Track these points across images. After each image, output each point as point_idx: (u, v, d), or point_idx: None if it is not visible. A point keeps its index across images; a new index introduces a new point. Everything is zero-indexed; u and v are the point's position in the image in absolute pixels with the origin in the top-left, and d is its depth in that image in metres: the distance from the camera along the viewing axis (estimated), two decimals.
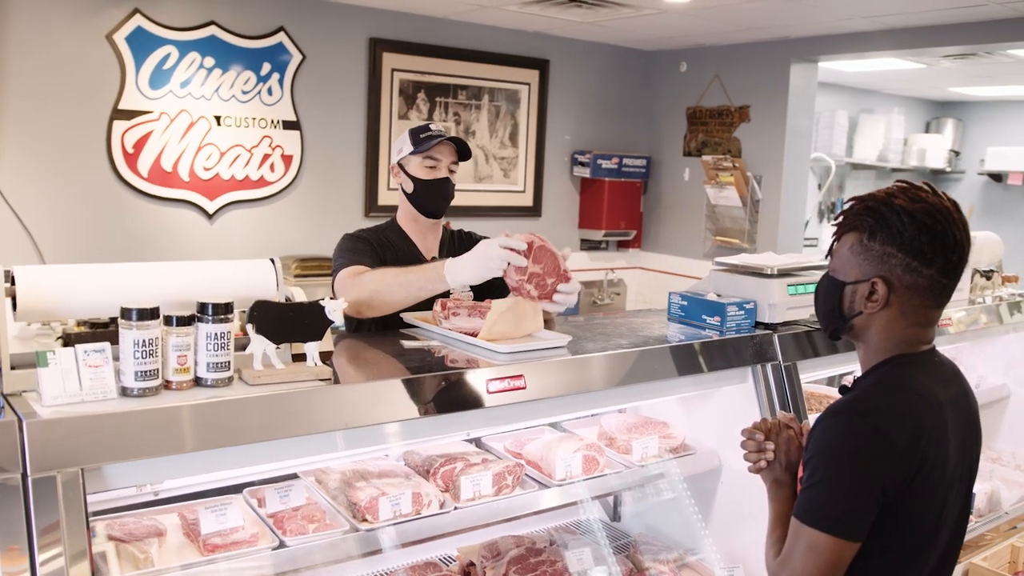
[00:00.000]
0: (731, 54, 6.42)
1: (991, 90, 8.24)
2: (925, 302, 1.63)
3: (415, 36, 5.71)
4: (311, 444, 1.84)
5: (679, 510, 2.85)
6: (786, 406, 2.58)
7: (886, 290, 1.62)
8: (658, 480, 2.64)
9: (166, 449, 1.64)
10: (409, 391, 1.91)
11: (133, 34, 4.71)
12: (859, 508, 1.53)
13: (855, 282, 1.66)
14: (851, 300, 1.68)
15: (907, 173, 8.94)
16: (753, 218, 6.28)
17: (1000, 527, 3.20)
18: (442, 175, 2.78)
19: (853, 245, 1.66)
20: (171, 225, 4.98)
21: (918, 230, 1.57)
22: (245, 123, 5.10)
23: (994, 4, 4.61)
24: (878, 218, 1.61)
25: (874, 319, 1.66)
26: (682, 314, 2.78)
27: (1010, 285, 3.79)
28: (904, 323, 1.65)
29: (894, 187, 1.64)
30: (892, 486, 1.53)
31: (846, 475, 1.54)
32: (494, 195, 6.19)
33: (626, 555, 2.78)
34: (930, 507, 1.60)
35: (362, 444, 1.95)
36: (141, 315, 1.68)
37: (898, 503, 1.55)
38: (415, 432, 2.03)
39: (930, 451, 1.56)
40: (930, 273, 1.60)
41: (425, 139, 2.74)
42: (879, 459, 1.53)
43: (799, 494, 1.60)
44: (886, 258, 1.61)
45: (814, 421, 1.65)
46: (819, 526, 1.53)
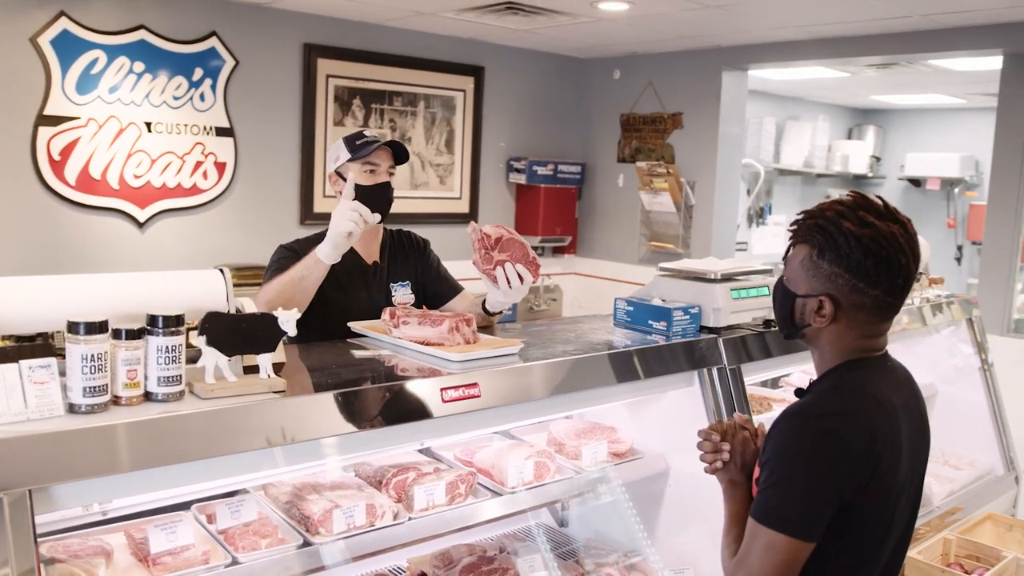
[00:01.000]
0: (664, 62, 6.52)
1: (910, 98, 8.53)
2: (871, 318, 1.68)
3: (350, 42, 5.65)
4: (267, 458, 1.80)
5: (628, 514, 2.87)
6: (732, 408, 2.63)
7: (833, 308, 1.67)
8: (607, 484, 2.66)
9: (117, 467, 1.59)
10: (366, 402, 1.89)
11: (59, 37, 4.57)
12: (815, 509, 1.56)
13: (805, 296, 1.70)
14: (802, 312, 1.72)
15: (831, 179, 9.20)
16: (687, 223, 6.38)
17: (931, 521, 3.30)
18: (383, 179, 2.79)
19: (804, 260, 1.70)
20: (100, 234, 4.83)
21: (863, 254, 1.61)
22: (177, 130, 4.99)
23: (917, 16, 4.78)
24: (827, 237, 1.65)
25: (824, 331, 1.71)
26: (628, 319, 2.81)
27: (936, 287, 3.92)
28: (852, 336, 1.69)
29: (845, 205, 1.67)
30: (848, 488, 1.57)
31: (803, 477, 1.57)
32: (430, 202, 6.17)
33: (575, 560, 2.80)
34: (883, 509, 1.64)
35: (318, 456, 1.92)
36: (89, 329, 1.63)
37: (853, 505, 1.58)
38: (371, 443, 2.02)
39: (885, 454, 1.60)
40: (875, 294, 1.64)
41: (362, 145, 2.76)
42: (836, 462, 1.56)
43: (756, 495, 1.63)
44: (833, 277, 1.65)
45: (771, 423, 1.68)
46: (776, 526, 1.56)
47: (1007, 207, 5.10)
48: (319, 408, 1.84)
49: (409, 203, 6.01)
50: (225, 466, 1.75)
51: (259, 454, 1.77)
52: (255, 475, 1.98)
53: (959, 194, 9.00)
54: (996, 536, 3.40)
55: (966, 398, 3.86)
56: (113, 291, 1.91)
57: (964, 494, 3.53)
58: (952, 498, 3.48)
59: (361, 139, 2.78)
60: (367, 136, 2.79)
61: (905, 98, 8.54)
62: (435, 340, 2.30)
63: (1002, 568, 2.99)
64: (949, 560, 3.15)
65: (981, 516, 3.44)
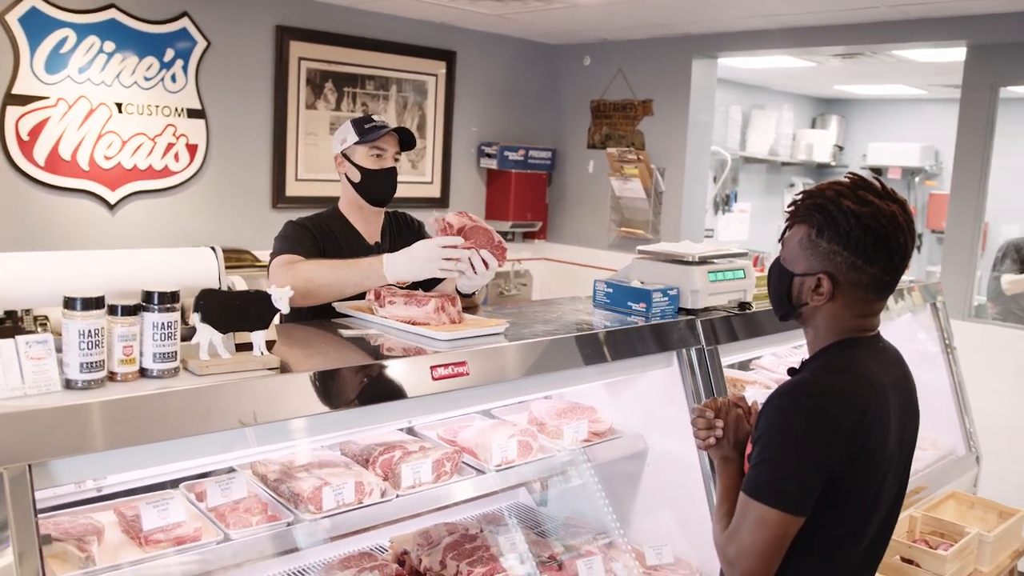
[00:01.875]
0: (634, 49, 6.56)
1: (872, 88, 8.66)
2: (868, 296, 1.73)
3: (322, 24, 5.62)
4: (260, 434, 1.81)
5: (608, 492, 2.92)
6: (709, 389, 2.68)
7: (831, 285, 1.71)
8: (588, 464, 2.70)
9: (115, 443, 1.60)
10: (359, 380, 1.91)
11: (27, 15, 4.49)
12: (806, 485, 1.61)
13: (803, 274, 1.74)
14: (799, 291, 1.76)
15: (796, 167, 9.32)
16: (656, 209, 6.44)
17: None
18: (388, 164, 2.83)
19: (802, 239, 1.74)
20: (70, 216, 4.77)
21: (863, 232, 1.66)
22: (148, 111, 4.93)
23: (884, 7, 4.86)
24: (827, 216, 1.69)
25: (820, 309, 1.75)
26: (607, 301, 2.85)
27: None
28: (849, 314, 1.74)
29: (844, 185, 1.72)
30: (837, 464, 1.62)
31: (794, 453, 1.62)
32: (402, 186, 6.03)
33: (556, 538, 2.84)
34: (870, 486, 1.70)
35: (310, 433, 1.95)
36: (86, 304, 1.63)
37: (841, 481, 1.63)
38: (361, 420, 2.04)
39: (873, 432, 1.65)
40: (873, 271, 1.69)
41: (370, 129, 2.78)
42: (827, 438, 1.61)
43: (748, 470, 1.67)
44: (832, 255, 1.70)
45: (764, 400, 1.73)
46: (767, 501, 1.61)
47: (968, 196, 5.22)
48: (313, 386, 1.85)
49: None
50: (219, 442, 1.76)
51: (254, 430, 1.79)
52: (249, 451, 1.99)
53: (919, 183, 9.18)
54: (959, 513, 3.50)
55: (930, 381, 3.94)
56: (104, 268, 1.91)
57: (928, 473, 3.63)
58: (917, 477, 3.56)
59: (370, 123, 2.80)
60: (375, 121, 2.82)
61: (868, 88, 8.67)
62: (421, 320, 2.33)
63: (965, 544, 3.08)
64: (915, 536, 3.24)
65: (944, 494, 3.54)
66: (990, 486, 3.94)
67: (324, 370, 1.88)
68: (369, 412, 1.99)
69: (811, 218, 1.72)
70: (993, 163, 5.24)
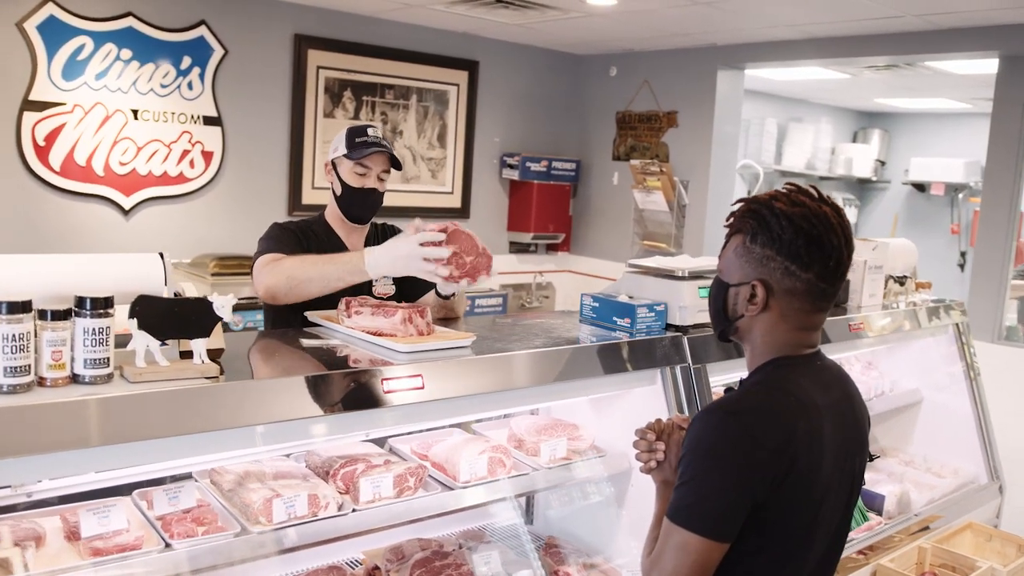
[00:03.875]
0: (660, 60, 6.47)
1: (915, 102, 8.45)
2: (804, 306, 1.64)
3: (341, 33, 5.63)
4: (195, 444, 1.77)
5: (591, 512, 2.84)
6: (695, 408, 2.58)
7: (765, 293, 1.63)
8: (568, 483, 2.63)
9: (35, 448, 1.57)
10: (300, 390, 1.86)
11: (45, 23, 4.56)
12: (727, 508, 1.52)
13: (737, 284, 1.67)
14: (734, 302, 1.69)
15: (834, 182, 9.13)
16: (680, 223, 6.33)
17: (910, 528, 3.25)
18: (370, 184, 2.76)
19: (737, 247, 1.67)
20: (85, 221, 4.82)
21: (795, 234, 1.58)
22: (164, 118, 4.97)
23: (911, 16, 4.72)
24: (759, 220, 1.62)
25: (756, 322, 1.67)
26: (593, 316, 2.77)
27: (923, 291, 3.86)
28: (785, 326, 1.66)
29: (779, 191, 1.66)
30: (760, 487, 1.53)
31: (715, 474, 1.53)
32: (422, 196, 6.14)
33: (536, 558, 2.76)
34: (801, 512, 1.60)
35: (251, 444, 1.89)
36: (11, 308, 1.61)
37: (767, 505, 1.54)
38: (308, 432, 1.98)
39: (801, 455, 1.55)
40: (808, 277, 1.61)
41: (359, 145, 2.71)
42: (747, 459, 1.52)
43: (672, 493, 1.59)
44: (766, 261, 1.62)
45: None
46: (687, 525, 1.52)
47: (1000, 212, 5.03)
48: (251, 395, 1.81)
49: (400, 197, 5.98)
50: (152, 450, 1.73)
51: (189, 440, 1.74)
52: (184, 461, 1.95)
53: (963, 200, 8.92)
54: (975, 546, 3.35)
55: (951, 405, 3.80)
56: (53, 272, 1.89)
57: (944, 502, 3.48)
58: (932, 506, 3.42)
59: (361, 137, 2.74)
60: (368, 135, 2.75)
61: (911, 102, 8.46)
62: (387, 331, 2.28)
63: None
64: (923, 569, 3.10)
65: (961, 525, 3.38)
66: (1015, 518, 3.76)
67: (264, 380, 1.83)
68: (315, 424, 1.95)
69: (745, 224, 1.65)
70: None
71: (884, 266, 3.51)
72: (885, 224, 9.38)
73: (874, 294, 3.46)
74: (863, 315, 3.29)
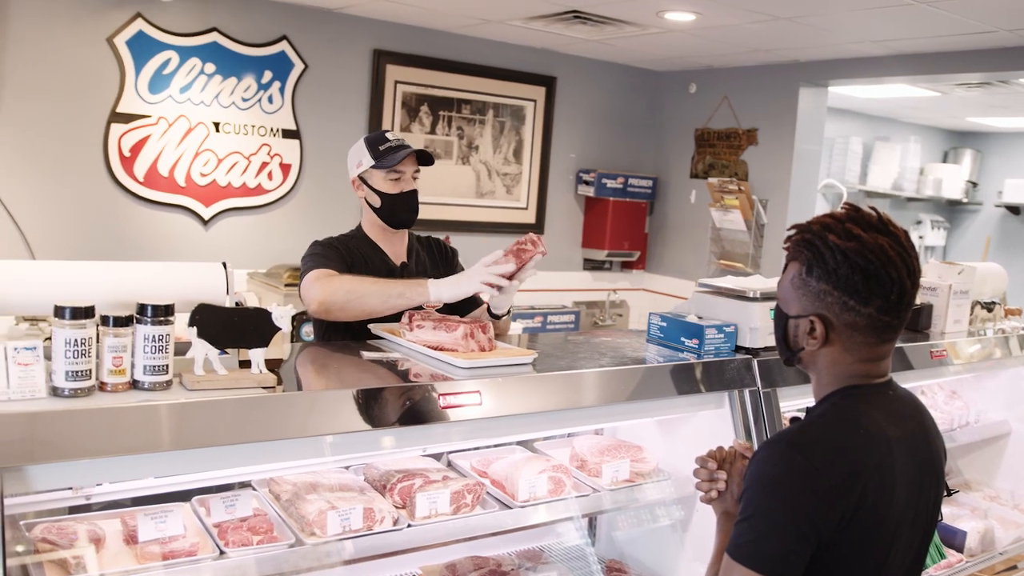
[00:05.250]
0: (740, 76, 6.36)
1: (1010, 121, 8.13)
2: (868, 340, 1.56)
3: (419, 49, 5.68)
4: (252, 453, 1.78)
5: (655, 536, 2.77)
6: (763, 433, 2.50)
7: (824, 329, 1.56)
8: (631, 505, 2.56)
9: (94, 452, 1.59)
10: (355, 402, 1.85)
11: (134, 38, 4.70)
12: (790, 546, 1.44)
13: (796, 316, 1.60)
14: (795, 333, 1.61)
15: (923, 203, 8.84)
16: (758, 242, 6.19)
17: (994, 567, 3.10)
18: (409, 187, 2.74)
19: (794, 278, 1.59)
20: (166, 230, 4.95)
21: (851, 269, 1.50)
22: (244, 130, 5.08)
23: (1003, 31, 4.53)
24: (815, 252, 1.54)
25: (819, 354, 1.59)
26: (661, 335, 2.71)
27: (1013, 318, 3.69)
28: (850, 359, 1.58)
29: (834, 217, 1.56)
30: (827, 524, 1.45)
31: (777, 510, 1.46)
32: (496, 211, 6.14)
33: None
34: (873, 548, 1.51)
35: (307, 456, 1.89)
36: (75, 314, 1.63)
37: (834, 543, 1.46)
38: (364, 445, 1.97)
39: (871, 490, 1.47)
40: (869, 312, 1.52)
41: (386, 151, 2.68)
42: (811, 495, 1.44)
43: (733, 528, 1.52)
44: (823, 295, 1.54)
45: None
46: (748, 564, 1.45)
47: None
48: (307, 406, 1.81)
49: (474, 211, 5.99)
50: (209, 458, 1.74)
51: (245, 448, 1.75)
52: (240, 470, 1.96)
53: None
54: None
55: None
56: (119, 279, 1.92)
57: None
58: (1019, 544, 3.26)
59: (385, 143, 2.70)
60: (391, 140, 2.72)
61: (1004, 121, 8.14)
62: (449, 345, 2.26)
63: None
64: None
65: None
66: None
67: (320, 392, 1.83)
68: (371, 438, 1.93)
69: (801, 255, 1.57)
70: None
71: (971, 291, 3.36)
72: (977, 248, 9.02)
73: (959, 320, 3.32)
74: (947, 342, 3.15)
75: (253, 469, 2.00)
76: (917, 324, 3.23)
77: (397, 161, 2.67)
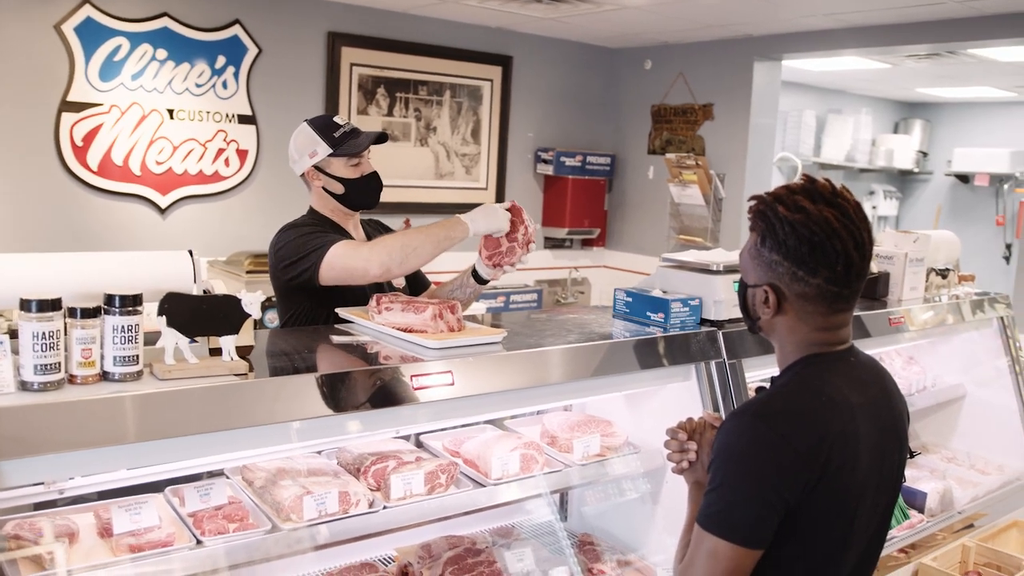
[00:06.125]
0: (695, 52, 6.40)
1: (958, 91, 8.28)
2: (819, 309, 1.60)
3: (375, 30, 5.63)
4: (225, 441, 1.77)
5: (626, 510, 2.81)
6: (730, 404, 2.54)
7: (776, 298, 1.60)
8: (601, 480, 2.60)
9: (65, 445, 1.57)
10: (329, 387, 1.85)
11: (83, 25, 4.61)
12: (758, 514, 1.48)
13: (753, 286, 1.64)
14: (752, 302, 1.66)
15: (875, 173, 8.98)
16: (716, 216, 6.26)
17: (953, 526, 3.18)
18: (369, 170, 2.72)
19: (751, 248, 1.64)
20: (122, 219, 4.88)
21: (798, 241, 1.54)
22: (199, 117, 5.01)
23: (952, 3, 4.61)
24: (767, 224, 1.58)
25: (776, 323, 1.64)
26: (627, 311, 2.73)
27: (966, 284, 3.77)
28: (805, 328, 1.62)
29: (787, 189, 1.60)
30: (793, 492, 1.49)
31: (744, 479, 1.50)
32: (456, 192, 6.13)
33: (570, 555, 2.73)
34: (838, 514, 1.55)
35: (280, 441, 1.89)
36: (42, 306, 1.61)
37: (801, 510, 1.50)
38: (338, 429, 1.97)
39: (836, 456, 1.51)
40: (817, 282, 1.56)
41: (343, 138, 2.64)
42: (777, 463, 1.48)
43: (702, 498, 1.55)
44: (775, 265, 1.58)
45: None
46: (718, 532, 1.49)
47: None
48: (280, 392, 1.80)
49: (434, 193, 5.98)
50: (182, 448, 1.73)
51: (218, 436, 1.75)
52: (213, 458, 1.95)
53: (1009, 191, 8.73)
54: (1021, 544, 3.27)
55: (996, 400, 3.71)
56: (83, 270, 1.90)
57: (989, 500, 3.40)
58: (976, 503, 3.35)
59: (337, 131, 2.66)
60: (343, 125, 2.68)
61: (953, 91, 8.28)
62: (418, 327, 2.26)
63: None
64: (967, 568, 3.04)
65: (1007, 523, 3.31)
66: None
67: (292, 376, 1.82)
68: (344, 421, 1.94)
69: (756, 225, 1.61)
70: None
71: (925, 259, 3.43)
72: (928, 216, 9.21)
73: (915, 287, 3.39)
74: (903, 309, 3.22)
75: (228, 457, 1.99)
76: (875, 292, 3.30)
77: (362, 147, 2.65)
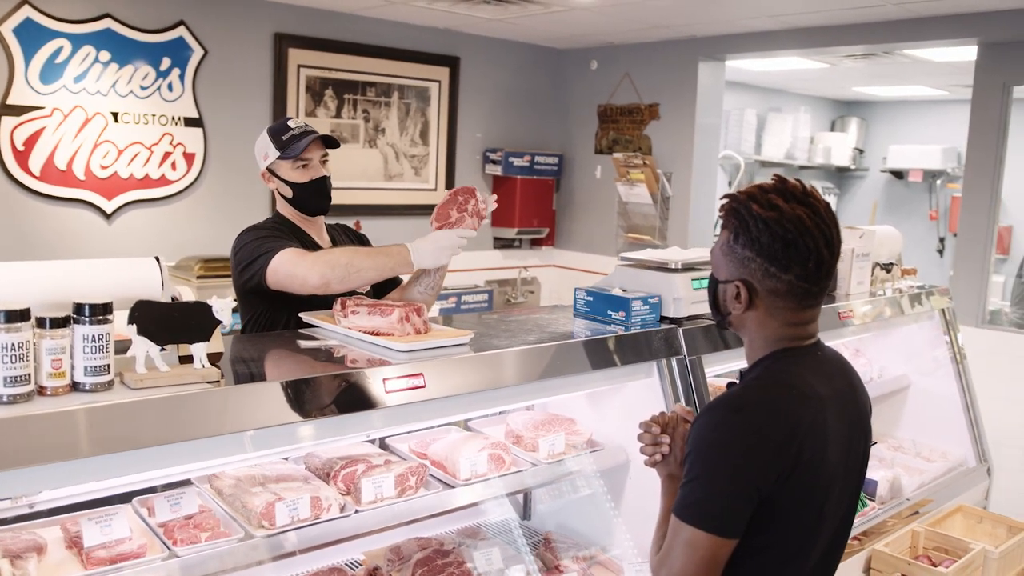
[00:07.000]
0: (640, 53, 6.48)
1: (892, 90, 8.51)
2: (790, 304, 1.65)
3: (322, 32, 5.59)
4: (199, 449, 1.76)
5: (590, 506, 2.84)
6: (691, 400, 2.59)
7: (748, 294, 1.65)
8: (566, 477, 2.62)
9: (37, 459, 1.55)
10: (302, 392, 1.85)
11: (22, 26, 4.49)
12: (734, 505, 1.53)
13: (724, 281, 1.69)
14: (723, 298, 1.70)
15: (814, 171, 9.18)
16: (664, 215, 6.35)
17: (902, 512, 3.28)
18: (318, 174, 2.70)
19: (723, 245, 1.68)
20: (67, 226, 4.77)
21: (771, 238, 1.59)
22: (144, 120, 4.92)
23: (890, 5, 4.75)
24: (740, 221, 1.63)
25: (746, 318, 1.68)
26: (588, 310, 2.77)
27: (909, 278, 3.89)
28: (775, 323, 1.66)
29: (760, 187, 1.65)
30: (766, 483, 1.54)
31: (720, 471, 1.54)
32: (405, 193, 6.11)
33: (536, 554, 2.76)
34: (808, 503, 1.61)
35: (254, 448, 1.87)
36: (10, 317, 1.58)
37: (774, 500, 1.55)
38: (310, 434, 1.96)
39: (806, 447, 1.56)
40: (788, 279, 1.61)
41: (290, 141, 2.63)
42: (753, 455, 1.53)
43: (678, 490, 1.60)
44: (747, 262, 1.63)
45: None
46: (694, 523, 1.53)
47: (981, 198, 5.08)
48: (253, 399, 1.79)
49: (384, 195, 5.95)
50: (156, 457, 1.71)
51: (193, 445, 1.73)
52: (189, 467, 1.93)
53: (941, 186, 9.00)
54: (966, 528, 3.38)
55: (939, 390, 3.83)
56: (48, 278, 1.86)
57: (934, 486, 3.51)
58: (922, 490, 3.45)
59: (288, 132, 2.65)
60: (293, 128, 2.67)
61: (888, 90, 8.51)
62: (385, 330, 2.26)
63: (969, 560, 2.96)
64: (917, 552, 3.13)
65: (952, 508, 3.42)
66: (1003, 500, 3.80)
67: (266, 383, 1.82)
68: (318, 426, 1.93)
69: (729, 222, 1.66)
70: (1013, 165, 5.09)
71: (871, 254, 3.53)
72: (864, 212, 9.45)
73: (861, 282, 3.49)
74: (851, 303, 3.31)
75: (199, 465, 1.97)
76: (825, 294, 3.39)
77: (301, 150, 2.63)
